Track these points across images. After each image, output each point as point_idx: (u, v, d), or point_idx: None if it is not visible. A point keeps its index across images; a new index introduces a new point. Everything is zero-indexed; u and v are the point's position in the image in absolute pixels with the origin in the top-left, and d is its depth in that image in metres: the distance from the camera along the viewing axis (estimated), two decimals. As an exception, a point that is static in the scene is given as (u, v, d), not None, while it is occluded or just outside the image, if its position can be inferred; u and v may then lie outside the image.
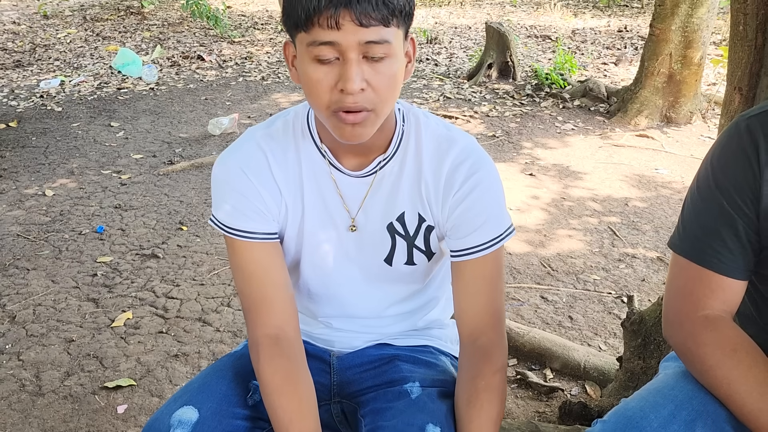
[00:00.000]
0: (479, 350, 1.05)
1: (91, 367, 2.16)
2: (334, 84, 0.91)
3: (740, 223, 0.93)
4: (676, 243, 1.00)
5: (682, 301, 0.98)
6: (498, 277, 1.08)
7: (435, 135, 1.07)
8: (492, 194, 1.06)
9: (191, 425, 0.98)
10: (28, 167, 4.04)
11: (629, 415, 0.88)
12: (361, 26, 0.86)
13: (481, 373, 1.03)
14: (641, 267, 2.82)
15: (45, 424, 1.91)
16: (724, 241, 0.94)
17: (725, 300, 0.95)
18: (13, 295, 2.61)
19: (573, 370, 2.11)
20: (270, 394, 1.02)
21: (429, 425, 0.99)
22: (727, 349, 0.91)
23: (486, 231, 1.05)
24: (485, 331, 1.06)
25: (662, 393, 0.92)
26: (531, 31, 8.17)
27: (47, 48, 7.50)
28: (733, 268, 0.94)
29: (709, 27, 4.52)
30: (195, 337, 2.33)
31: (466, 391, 1.03)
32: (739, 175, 0.92)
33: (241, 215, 1.05)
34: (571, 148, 4.35)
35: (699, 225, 0.97)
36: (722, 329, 0.93)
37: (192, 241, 3.07)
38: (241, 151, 1.07)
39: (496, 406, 1.01)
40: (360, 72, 0.89)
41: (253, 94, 5.73)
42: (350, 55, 0.88)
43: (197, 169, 4.01)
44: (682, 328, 0.97)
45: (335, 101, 0.92)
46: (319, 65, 0.90)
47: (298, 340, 1.09)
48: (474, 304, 1.07)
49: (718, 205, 0.94)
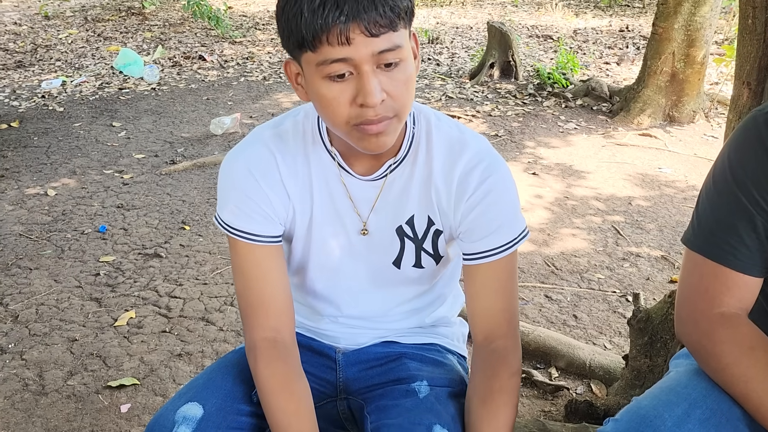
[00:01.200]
0: (494, 353, 1.04)
1: (95, 367, 2.16)
2: (351, 99, 0.88)
3: (758, 218, 0.91)
4: (690, 239, 0.98)
5: (697, 298, 0.95)
6: (512, 281, 1.06)
7: (447, 138, 1.05)
8: (506, 198, 1.04)
9: (196, 421, 0.98)
10: (30, 167, 4.04)
11: (642, 413, 0.87)
12: (371, 36, 0.83)
13: (497, 375, 1.01)
14: (645, 266, 2.81)
15: (48, 424, 1.90)
16: (741, 237, 0.92)
17: (741, 297, 0.93)
18: (15, 295, 2.60)
19: (578, 369, 2.10)
20: (267, 395, 1.02)
21: (436, 426, 0.98)
22: (744, 347, 0.89)
23: (500, 235, 1.03)
24: (500, 334, 1.05)
25: (675, 391, 0.91)
26: (533, 31, 8.17)
27: (48, 48, 7.50)
28: (750, 265, 0.92)
29: (712, 26, 4.51)
30: (198, 337, 2.32)
31: (481, 393, 1.01)
32: (758, 169, 0.90)
33: (245, 216, 1.04)
34: (574, 147, 4.34)
35: (714, 220, 0.94)
36: (739, 327, 0.91)
37: (195, 241, 3.06)
38: (250, 152, 1.05)
39: (510, 409, 1.00)
40: (377, 83, 0.87)
41: (255, 94, 5.73)
42: (365, 68, 0.85)
43: (199, 168, 4.00)
44: (697, 326, 0.95)
45: (355, 116, 0.89)
46: (333, 83, 0.87)
47: (294, 344, 1.08)
48: (489, 307, 1.06)
49: (735, 199, 0.92)
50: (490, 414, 0.98)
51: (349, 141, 0.95)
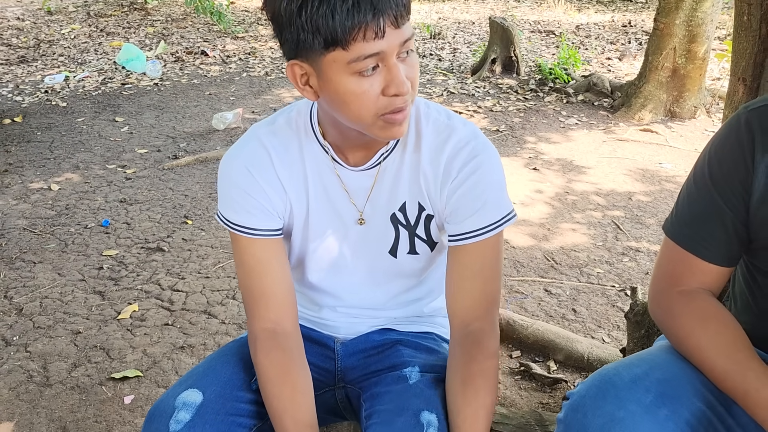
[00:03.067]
0: (471, 336, 1.04)
1: (98, 359, 2.18)
2: (379, 91, 0.90)
3: (729, 215, 0.95)
4: (667, 226, 1.04)
5: (664, 279, 1.03)
6: (496, 264, 1.06)
7: (436, 124, 1.07)
8: (491, 178, 1.04)
9: (195, 407, 1.00)
10: (34, 162, 4.06)
11: (604, 373, 0.92)
12: (398, 28, 0.86)
13: (475, 359, 1.02)
14: (645, 261, 2.82)
15: (53, 414, 1.93)
16: (711, 230, 0.97)
17: (703, 281, 1.00)
18: (19, 288, 2.63)
19: (576, 362, 2.12)
20: (266, 383, 1.04)
21: (424, 412, 1.00)
22: (698, 319, 0.96)
23: (485, 215, 1.03)
24: (476, 316, 1.05)
25: (640, 357, 0.97)
26: (535, 27, 8.16)
27: (51, 44, 7.51)
28: (716, 255, 0.98)
29: (713, 21, 4.51)
30: (200, 329, 2.34)
31: (460, 376, 1.02)
32: (732, 168, 0.94)
33: (244, 212, 1.06)
34: (575, 142, 4.35)
35: (689, 212, 1.00)
36: (695, 302, 0.98)
37: (197, 235, 3.08)
38: (245, 150, 1.08)
39: (490, 392, 1.01)
40: (403, 71, 0.90)
41: (257, 89, 5.74)
42: (392, 60, 0.88)
43: (202, 163, 4.02)
44: (660, 303, 1.02)
45: (384, 106, 0.91)
46: (363, 78, 0.88)
47: (296, 334, 1.10)
48: (468, 290, 1.06)
49: (709, 195, 0.96)
50: (470, 397, 1.00)
51: (369, 133, 0.96)
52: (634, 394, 0.86)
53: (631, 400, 0.86)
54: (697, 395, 0.88)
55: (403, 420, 0.99)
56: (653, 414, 0.84)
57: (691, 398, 0.87)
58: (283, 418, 1.02)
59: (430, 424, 0.98)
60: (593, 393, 0.89)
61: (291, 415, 1.02)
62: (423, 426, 0.98)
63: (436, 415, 1.00)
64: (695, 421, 0.86)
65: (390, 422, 0.99)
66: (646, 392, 0.86)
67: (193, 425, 0.98)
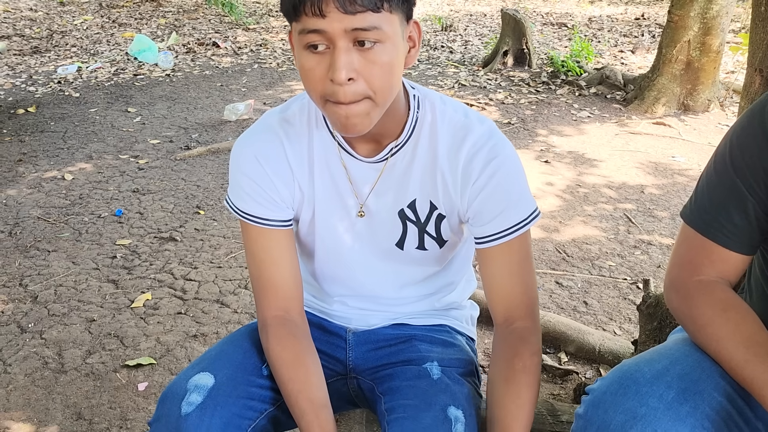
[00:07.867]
0: (515, 333, 1.05)
1: (112, 346, 2.20)
2: (325, 73, 0.88)
3: (750, 201, 0.94)
4: (686, 213, 1.03)
5: (682, 267, 1.01)
6: (526, 262, 1.07)
7: (452, 123, 1.06)
8: (512, 179, 1.04)
9: (207, 390, 1.01)
10: (47, 151, 4.09)
11: (624, 369, 0.91)
12: (346, 13, 0.83)
13: (519, 354, 1.03)
14: (657, 254, 2.81)
15: (68, 400, 1.95)
16: (731, 217, 0.96)
17: (722, 270, 0.99)
18: (34, 276, 2.65)
19: (588, 354, 2.12)
20: (279, 368, 1.05)
21: (451, 407, 1.00)
22: (717, 309, 0.94)
23: (509, 216, 1.03)
24: (520, 316, 1.06)
25: (659, 352, 0.96)
26: (547, 19, 8.11)
27: (64, 34, 7.55)
28: (736, 242, 0.97)
29: (728, 14, 4.47)
30: (213, 318, 2.36)
31: (504, 373, 1.02)
32: (756, 154, 0.93)
33: (253, 202, 1.07)
34: (587, 135, 4.33)
35: (709, 198, 0.99)
36: (715, 292, 0.97)
37: (209, 225, 3.10)
38: (257, 138, 1.08)
39: (533, 387, 1.01)
40: (349, 61, 0.86)
41: (269, 81, 5.75)
42: (339, 43, 0.86)
43: (213, 154, 4.04)
44: (678, 291, 1.00)
45: (329, 92, 0.89)
46: (311, 54, 0.88)
47: (304, 322, 1.12)
48: (506, 290, 1.06)
49: (730, 182, 0.95)
50: (514, 393, 1.00)
51: (327, 118, 0.97)
52: (656, 390, 0.86)
53: (653, 396, 0.86)
54: (717, 389, 0.88)
55: (431, 415, 0.99)
56: (675, 410, 0.84)
57: (711, 392, 0.87)
58: (298, 398, 1.03)
59: (458, 419, 0.99)
60: (614, 389, 0.89)
61: (306, 396, 1.03)
62: (451, 421, 0.98)
63: (462, 411, 1.01)
64: (715, 414, 0.86)
65: (416, 417, 1.00)
66: (668, 388, 0.86)
67: (204, 407, 0.98)
